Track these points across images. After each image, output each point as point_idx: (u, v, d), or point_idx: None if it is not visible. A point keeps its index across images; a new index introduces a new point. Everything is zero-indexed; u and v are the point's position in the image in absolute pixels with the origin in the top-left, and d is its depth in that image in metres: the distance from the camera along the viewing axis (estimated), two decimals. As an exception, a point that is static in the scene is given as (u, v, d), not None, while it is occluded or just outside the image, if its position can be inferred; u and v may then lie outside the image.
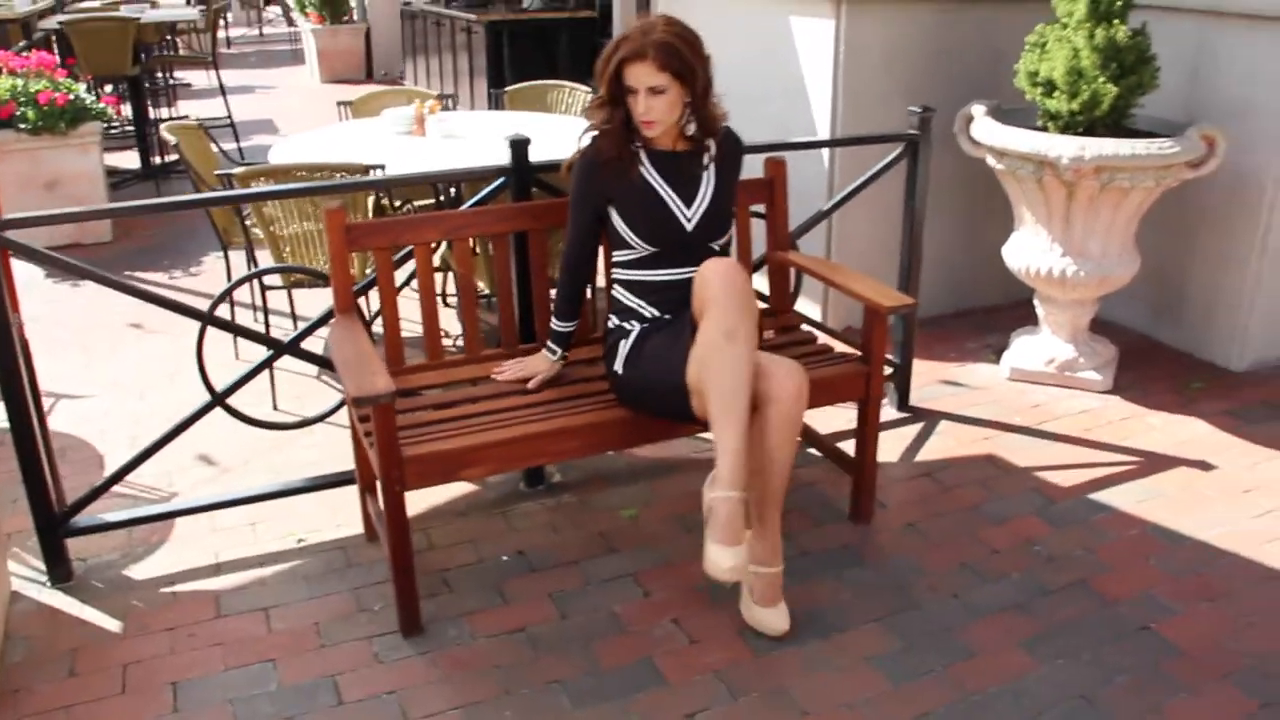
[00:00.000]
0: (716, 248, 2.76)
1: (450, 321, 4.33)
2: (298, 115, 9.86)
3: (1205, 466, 3.39)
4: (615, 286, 2.79)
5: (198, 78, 12.22)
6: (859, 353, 3.00)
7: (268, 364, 3.00)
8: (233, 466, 3.50)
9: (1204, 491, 3.25)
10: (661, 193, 2.69)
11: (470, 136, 4.18)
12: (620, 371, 2.71)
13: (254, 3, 18.93)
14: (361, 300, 3.30)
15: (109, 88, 8.84)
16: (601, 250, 2.92)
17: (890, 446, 3.54)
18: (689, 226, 2.69)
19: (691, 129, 2.71)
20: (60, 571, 2.89)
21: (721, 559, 2.38)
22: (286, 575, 2.92)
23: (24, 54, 6.01)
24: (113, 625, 2.72)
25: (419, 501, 3.24)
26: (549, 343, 2.89)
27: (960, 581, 2.84)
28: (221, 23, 19.74)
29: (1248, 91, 3.79)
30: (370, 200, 3.73)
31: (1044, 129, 3.61)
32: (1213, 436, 3.58)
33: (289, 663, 2.57)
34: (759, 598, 2.59)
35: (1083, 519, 3.11)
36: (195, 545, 3.07)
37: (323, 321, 2.97)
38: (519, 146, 2.99)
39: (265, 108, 10.34)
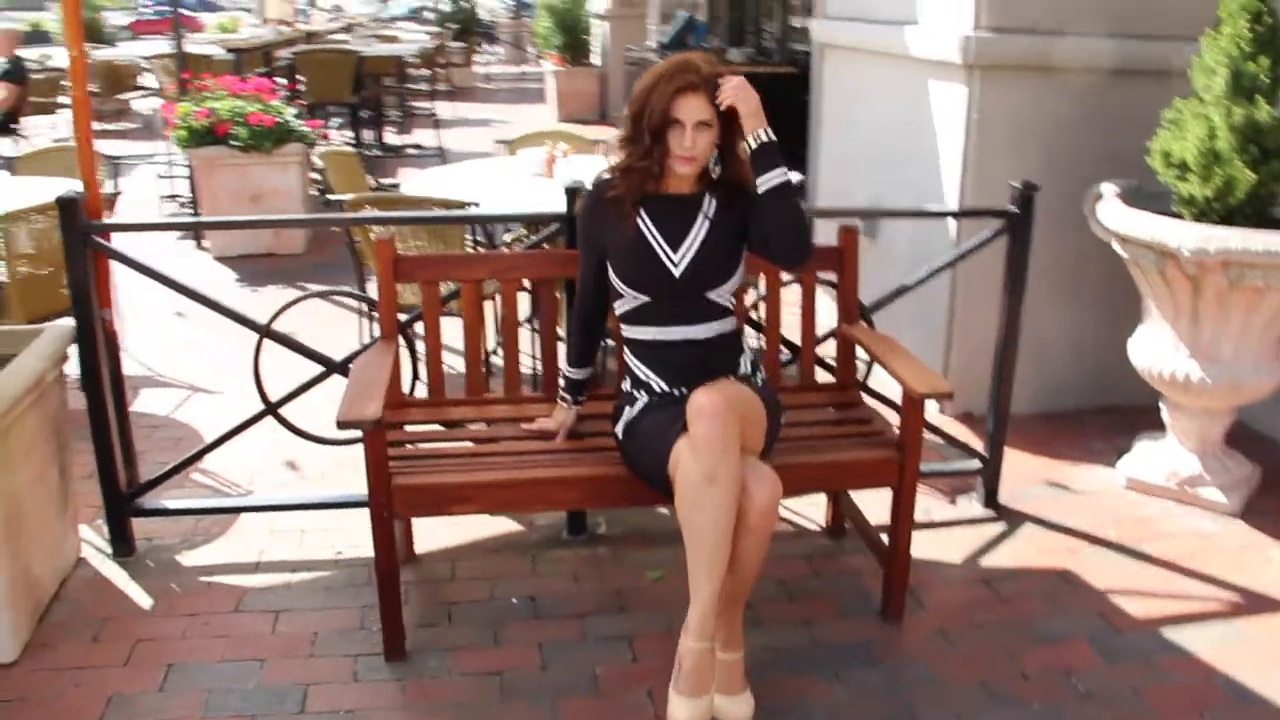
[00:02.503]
0: (719, 300, 2.69)
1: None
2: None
3: (1321, 618, 2.99)
4: (625, 350, 2.79)
5: (444, 108, 13.19)
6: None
7: (317, 380, 3.23)
8: (311, 475, 3.78)
9: (1306, 646, 2.87)
10: (648, 236, 2.65)
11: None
12: (620, 437, 2.73)
13: (520, 43, 20.23)
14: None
15: (323, 110, 9.68)
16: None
17: (957, 545, 3.34)
18: (676, 272, 2.64)
19: (716, 172, 2.67)
20: (122, 547, 3.23)
21: (678, 711, 2.40)
22: (310, 584, 3.12)
23: (245, 80, 6.77)
24: (145, 603, 3.01)
25: (459, 533, 3.37)
26: (561, 391, 2.96)
27: (972, 701, 2.64)
28: (485, 59, 21.11)
29: None
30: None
31: (1179, 216, 3.32)
32: (1346, 585, 3.14)
33: (275, 665, 2.75)
34: (719, 684, 2.52)
35: (1144, 655, 2.82)
36: (247, 542, 3.34)
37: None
38: (572, 194, 3.09)
39: (490, 141, 10.97)
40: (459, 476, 2.73)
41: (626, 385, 2.79)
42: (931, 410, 4.25)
